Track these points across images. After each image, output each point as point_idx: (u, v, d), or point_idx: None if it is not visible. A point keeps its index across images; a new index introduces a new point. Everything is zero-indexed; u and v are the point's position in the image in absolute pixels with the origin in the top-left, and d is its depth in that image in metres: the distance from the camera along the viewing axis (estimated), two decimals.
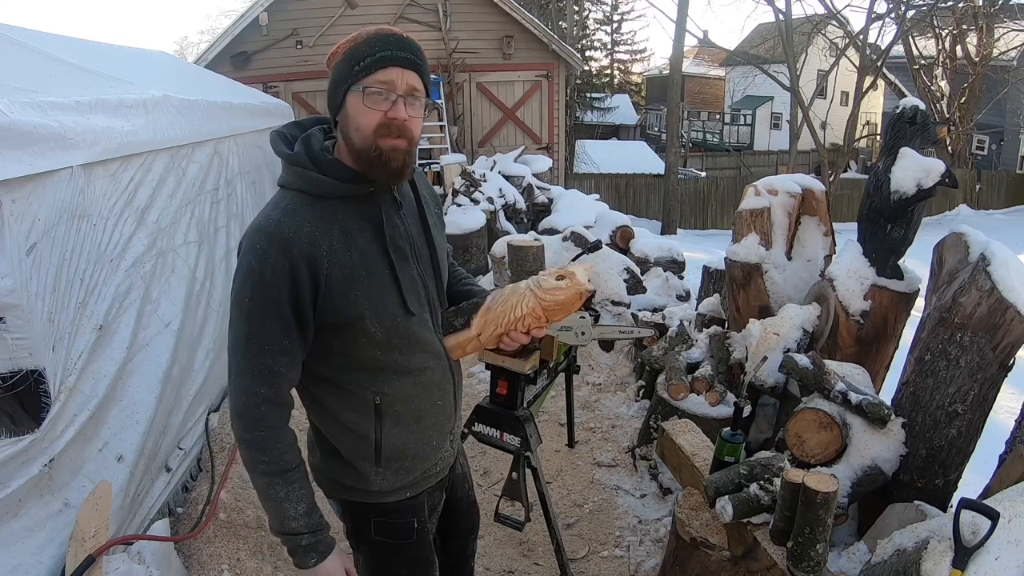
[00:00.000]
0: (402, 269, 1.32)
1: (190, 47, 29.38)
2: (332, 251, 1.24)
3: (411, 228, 1.37)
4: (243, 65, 9.91)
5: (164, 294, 2.73)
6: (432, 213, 1.47)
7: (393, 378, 1.35)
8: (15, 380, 1.85)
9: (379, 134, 1.22)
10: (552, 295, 1.35)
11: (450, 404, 1.48)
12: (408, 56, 1.24)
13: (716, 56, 29.41)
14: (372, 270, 1.28)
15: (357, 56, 1.22)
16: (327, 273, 1.23)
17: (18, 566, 1.79)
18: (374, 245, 1.29)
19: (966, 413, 2.17)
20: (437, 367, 1.42)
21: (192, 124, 3.16)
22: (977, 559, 1.39)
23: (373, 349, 1.31)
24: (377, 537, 1.47)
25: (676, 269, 5.55)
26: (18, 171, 1.80)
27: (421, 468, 1.46)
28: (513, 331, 1.40)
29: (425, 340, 1.38)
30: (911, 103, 2.67)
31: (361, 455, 1.39)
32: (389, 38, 1.23)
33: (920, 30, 16.87)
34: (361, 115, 1.22)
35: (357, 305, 1.26)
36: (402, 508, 1.47)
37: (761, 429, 3.07)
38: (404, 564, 1.51)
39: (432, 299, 1.41)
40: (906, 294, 2.72)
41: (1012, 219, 17.12)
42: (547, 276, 1.39)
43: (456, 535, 1.78)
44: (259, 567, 2.46)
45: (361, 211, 1.29)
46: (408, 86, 1.24)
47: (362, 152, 1.24)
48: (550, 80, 11.03)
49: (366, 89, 1.21)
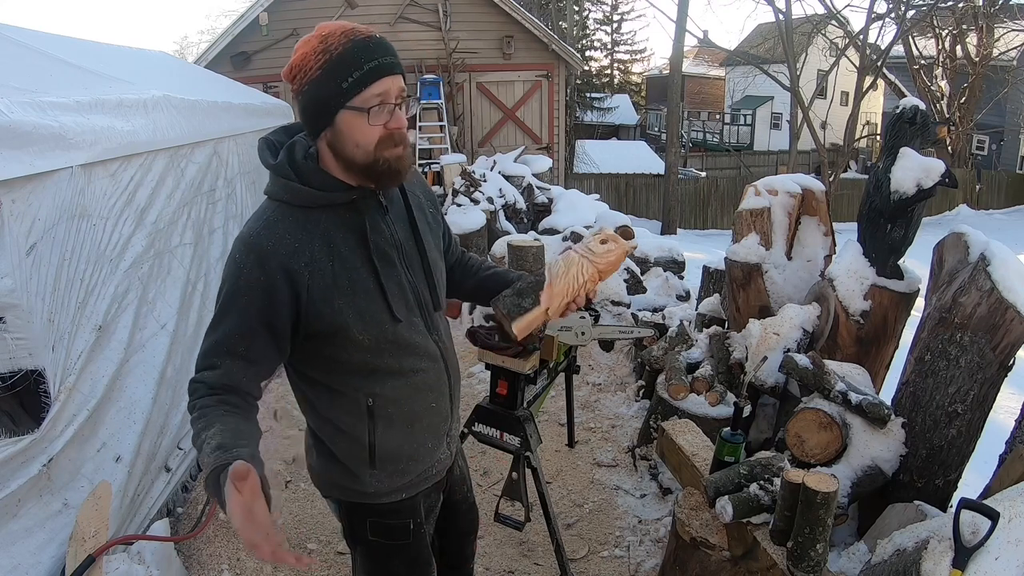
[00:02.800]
0: (388, 275, 1.30)
1: (190, 47, 29.40)
2: (313, 261, 1.22)
3: (398, 232, 1.35)
4: (243, 65, 9.90)
5: (160, 295, 2.73)
6: (426, 214, 1.45)
7: (385, 380, 1.34)
8: (15, 380, 1.85)
9: (381, 147, 1.20)
10: (605, 257, 1.45)
11: (445, 406, 1.47)
12: (391, 60, 1.19)
13: (716, 56, 29.43)
14: (356, 279, 1.26)
15: (342, 71, 1.15)
16: (308, 284, 1.21)
17: (18, 566, 1.80)
18: (358, 253, 1.27)
19: (966, 413, 2.17)
20: (431, 369, 1.40)
21: (192, 124, 3.16)
22: (977, 559, 1.39)
23: (362, 353, 1.30)
24: (373, 538, 1.47)
25: (676, 269, 5.56)
26: (18, 171, 1.80)
27: (417, 470, 1.45)
28: (580, 295, 1.44)
29: (415, 344, 1.36)
30: (911, 103, 2.66)
31: (356, 457, 1.38)
32: (369, 45, 1.17)
33: (920, 30, 16.86)
34: (360, 133, 1.19)
35: (341, 314, 1.24)
36: (398, 509, 1.46)
37: (761, 429, 3.07)
38: (401, 564, 1.51)
39: (424, 302, 1.39)
40: (906, 294, 2.72)
41: (1012, 219, 17.13)
42: (593, 242, 1.46)
43: (454, 536, 1.77)
44: (259, 567, 2.46)
45: (345, 219, 1.26)
46: (399, 89, 1.21)
47: (367, 167, 1.22)
48: (550, 80, 11.03)
49: (368, 108, 1.17)
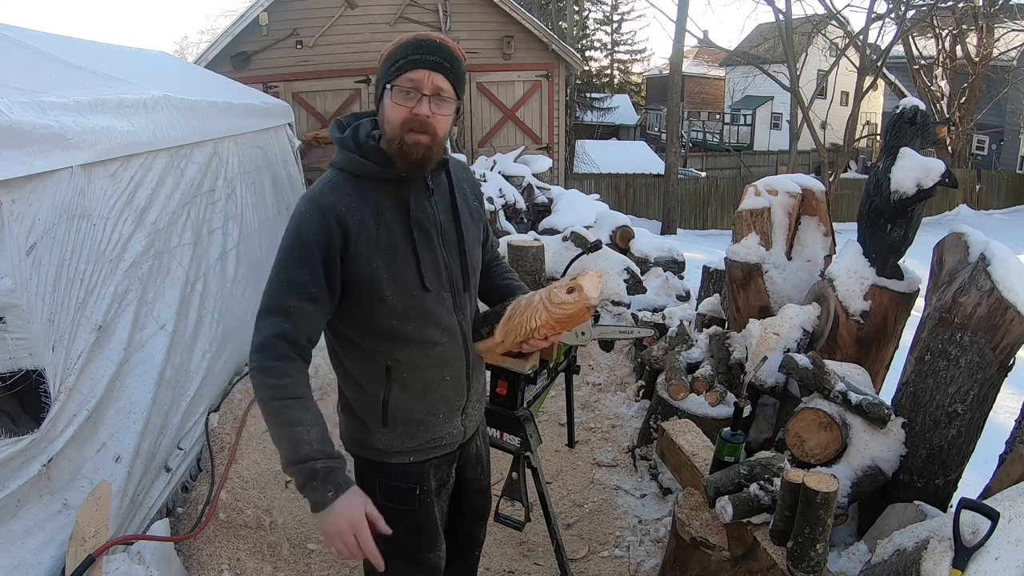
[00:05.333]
0: (423, 248, 1.46)
1: (190, 47, 29.35)
2: (362, 222, 1.40)
3: (440, 214, 1.50)
4: (243, 65, 9.89)
5: (160, 295, 2.73)
6: (470, 205, 1.61)
7: (405, 346, 1.47)
8: (15, 380, 1.85)
9: (405, 128, 1.37)
10: (561, 309, 1.44)
11: (461, 382, 1.57)
12: (436, 59, 1.37)
13: (716, 56, 29.41)
14: (395, 245, 1.43)
15: (393, 58, 1.38)
16: (355, 239, 1.39)
17: (18, 566, 1.79)
18: (400, 224, 1.44)
19: (966, 413, 2.17)
20: (449, 344, 1.52)
21: (192, 124, 3.16)
22: (977, 559, 1.39)
23: (389, 317, 1.44)
24: (380, 500, 1.53)
25: (676, 269, 5.55)
26: (18, 171, 1.80)
27: (425, 436, 1.56)
28: (532, 340, 1.51)
29: (439, 316, 1.49)
30: (911, 103, 2.66)
31: (371, 414, 1.52)
32: (421, 43, 1.38)
33: (920, 30, 16.86)
34: (391, 110, 1.38)
35: (377, 272, 1.41)
36: (405, 472, 1.57)
37: (761, 429, 3.07)
38: (407, 533, 1.59)
39: (455, 280, 1.52)
40: (906, 294, 2.72)
41: (1012, 219, 17.12)
42: (559, 288, 1.47)
43: (462, 516, 1.81)
44: (259, 567, 2.46)
45: (393, 193, 1.44)
46: (434, 86, 1.37)
47: (390, 143, 1.40)
48: (550, 80, 11.01)
49: (396, 87, 1.37)
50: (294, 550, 2.64)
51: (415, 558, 1.64)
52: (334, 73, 10.02)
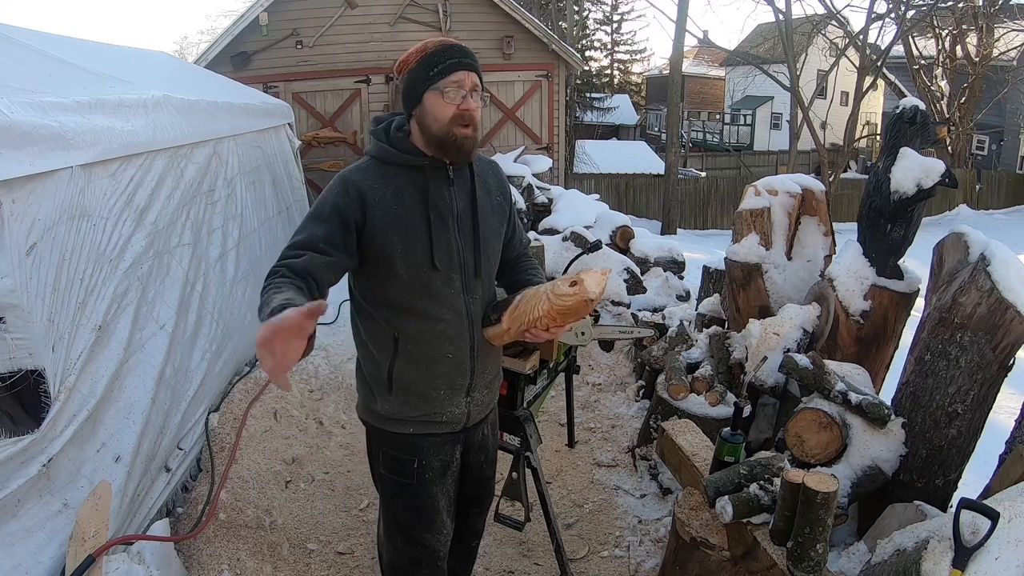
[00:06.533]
0: (438, 229, 1.60)
1: (190, 47, 29.30)
2: (384, 201, 1.57)
3: (458, 202, 1.64)
4: (243, 65, 9.88)
5: (159, 295, 2.73)
6: (491, 198, 1.74)
7: (411, 320, 1.61)
8: (15, 380, 1.85)
9: (453, 123, 1.54)
10: (562, 301, 1.49)
11: (464, 361, 1.67)
12: (468, 61, 1.57)
13: (716, 56, 29.41)
14: (411, 224, 1.58)
15: (432, 63, 1.55)
16: (375, 214, 1.55)
17: (18, 566, 1.79)
18: (419, 206, 1.59)
19: (966, 413, 2.17)
20: (454, 322, 1.64)
21: (192, 124, 3.16)
22: (977, 559, 1.39)
23: (400, 290, 1.59)
24: (383, 471, 1.73)
25: (676, 269, 5.55)
26: (18, 171, 1.80)
27: (425, 408, 1.68)
28: (534, 329, 1.58)
29: (446, 296, 1.62)
30: (911, 103, 2.67)
31: (377, 379, 1.67)
32: (455, 48, 1.57)
33: (920, 30, 16.84)
34: (439, 109, 1.54)
35: (392, 246, 1.55)
36: (404, 443, 1.69)
37: (761, 429, 3.07)
38: (405, 510, 1.73)
39: (466, 264, 1.64)
40: (906, 294, 2.72)
41: (1012, 219, 17.11)
42: (563, 281, 1.51)
43: (461, 500, 1.87)
44: (259, 567, 2.46)
45: (415, 179, 1.61)
46: (473, 84, 1.56)
47: (440, 138, 1.56)
48: (550, 80, 11.00)
49: (444, 89, 1.53)
50: (294, 550, 2.65)
51: (413, 536, 1.74)
52: (334, 73, 10.01)
